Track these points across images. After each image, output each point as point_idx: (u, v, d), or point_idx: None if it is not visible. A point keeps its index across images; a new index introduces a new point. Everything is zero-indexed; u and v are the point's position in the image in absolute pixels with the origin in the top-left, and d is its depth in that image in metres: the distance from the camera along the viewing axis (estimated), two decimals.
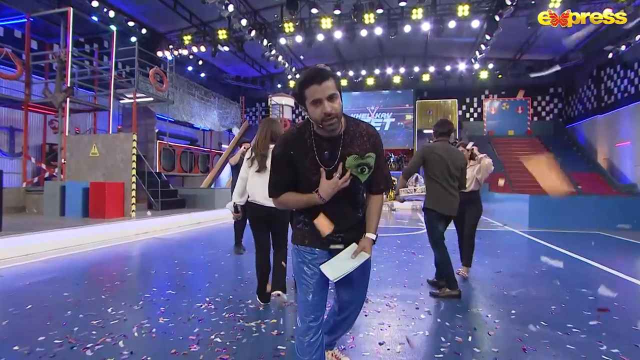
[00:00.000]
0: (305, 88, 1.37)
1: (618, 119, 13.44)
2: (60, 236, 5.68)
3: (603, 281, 3.92)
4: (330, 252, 1.55)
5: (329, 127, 1.38)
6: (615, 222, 8.06)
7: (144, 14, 12.85)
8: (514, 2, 10.11)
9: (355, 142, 1.48)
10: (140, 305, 3.02)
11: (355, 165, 1.46)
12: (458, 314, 2.86)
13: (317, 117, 1.37)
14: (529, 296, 3.31)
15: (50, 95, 8.69)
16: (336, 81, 1.38)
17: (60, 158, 8.76)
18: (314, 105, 1.37)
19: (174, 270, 4.29)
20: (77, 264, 4.62)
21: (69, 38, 8.85)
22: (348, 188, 1.46)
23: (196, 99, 13.85)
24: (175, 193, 10.51)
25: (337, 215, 1.49)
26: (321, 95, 1.34)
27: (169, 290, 3.45)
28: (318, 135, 1.46)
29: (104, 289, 3.45)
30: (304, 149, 1.46)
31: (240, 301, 3.14)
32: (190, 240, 6.59)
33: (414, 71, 17.21)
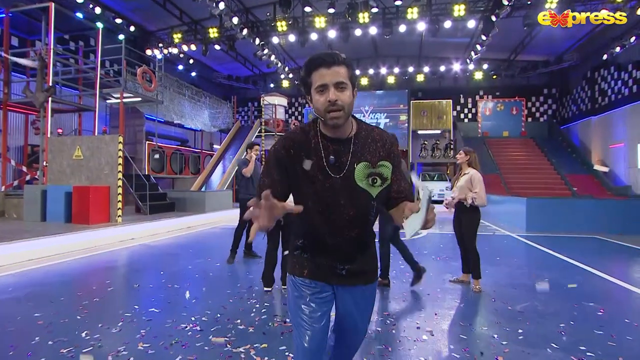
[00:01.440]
0: (312, 71, 1.18)
1: (612, 120, 13.46)
2: (39, 245, 5.37)
3: (610, 293, 3.86)
4: (335, 287, 1.31)
5: (332, 119, 1.17)
6: (612, 226, 7.99)
7: (132, 11, 12.50)
8: (511, 2, 10.01)
9: (366, 148, 1.26)
10: (119, 327, 2.77)
11: (366, 175, 1.23)
12: (463, 334, 2.69)
13: (321, 107, 1.17)
14: (535, 312, 3.15)
15: (31, 94, 8.33)
16: (350, 70, 1.19)
17: (42, 161, 8.40)
18: (319, 92, 1.17)
19: (159, 284, 4.07)
20: (55, 277, 4.32)
21: (51, 34, 8.47)
22: (356, 204, 1.24)
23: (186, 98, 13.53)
24: (164, 196, 10.24)
25: (337, 241, 1.25)
26: (328, 80, 1.15)
27: (152, 308, 3.22)
28: (325, 135, 1.25)
29: (80, 307, 3.19)
30: (306, 150, 1.24)
31: (229, 320, 2.91)
32: (179, 248, 6.33)
33: (409, 71, 17.09)
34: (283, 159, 1.25)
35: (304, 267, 1.30)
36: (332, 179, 1.22)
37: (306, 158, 1.24)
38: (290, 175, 1.25)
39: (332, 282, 1.30)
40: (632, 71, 12.36)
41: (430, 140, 17.88)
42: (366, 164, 1.23)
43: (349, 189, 1.23)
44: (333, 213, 1.24)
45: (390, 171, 1.27)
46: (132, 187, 8.89)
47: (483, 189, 3.79)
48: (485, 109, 18.12)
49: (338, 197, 1.23)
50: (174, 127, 15.24)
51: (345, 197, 1.23)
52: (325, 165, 1.22)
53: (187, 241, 7.05)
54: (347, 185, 1.23)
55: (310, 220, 1.26)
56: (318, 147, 1.24)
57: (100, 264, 5.07)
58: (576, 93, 16.18)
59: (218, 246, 6.42)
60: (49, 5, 8.48)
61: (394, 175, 1.29)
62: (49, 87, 8.30)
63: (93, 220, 7.15)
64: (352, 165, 1.23)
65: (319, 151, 1.23)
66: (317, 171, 1.23)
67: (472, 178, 3.82)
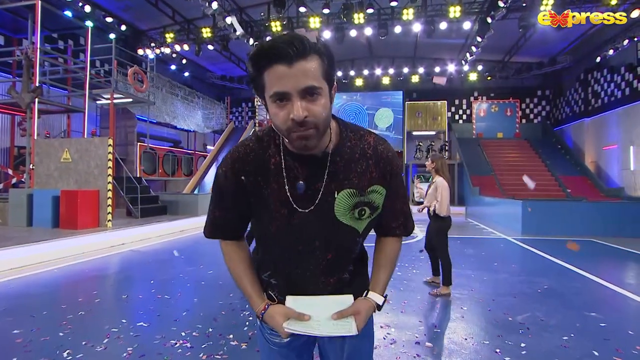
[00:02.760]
0: (264, 67, 0.76)
1: (605, 122, 13.56)
2: (23, 253, 5.16)
3: (610, 302, 3.83)
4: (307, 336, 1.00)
5: (299, 142, 0.80)
6: (607, 229, 8.02)
7: (123, 9, 12.25)
8: (507, 4, 9.99)
9: (352, 168, 0.89)
10: (104, 345, 2.60)
11: (351, 206, 0.90)
12: (464, 349, 2.59)
13: (281, 124, 0.79)
14: (536, 323, 3.08)
15: (17, 95, 8.09)
16: (324, 62, 0.78)
17: (28, 163, 8.17)
18: (276, 103, 0.77)
19: (149, 294, 3.90)
20: (38, 288, 4.11)
21: (37, 33, 8.25)
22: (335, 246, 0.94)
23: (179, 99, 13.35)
24: (156, 199, 10.07)
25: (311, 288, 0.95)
26: (291, 86, 0.75)
27: (141, 322, 3.07)
28: (289, 152, 0.88)
29: (64, 323, 3.01)
30: (264, 173, 0.88)
31: (221, 336, 2.78)
32: (170, 254, 6.16)
33: (403, 72, 17.05)
34: (234, 186, 0.90)
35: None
36: (300, 215, 0.88)
37: (264, 184, 0.88)
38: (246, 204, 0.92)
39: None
40: (624, 74, 12.45)
41: (425, 141, 17.87)
42: (351, 190, 0.88)
43: (326, 227, 0.90)
44: (303, 260, 0.93)
45: (382, 197, 0.94)
46: (122, 190, 8.73)
47: (446, 197, 3.78)
48: (480, 110, 18.15)
49: (310, 237, 0.91)
50: (166, 128, 15.03)
51: (320, 237, 0.91)
52: (289, 196, 0.87)
53: (180, 246, 6.92)
54: (324, 222, 0.89)
55: (274, 262, 0.98)
56: (279, 169, 0.88)
57: (88, 272, 4.88)
58: (569, 95, 16.28)
59: (211, 252, 6.26)
60: (35, 3, 8.24)
61: (388, 200, 0.96)
62: (36, 87, 8.07)
63: (81, 225, 6.97)
64: (331, 194, 0.87)
65: (281, 174, 0.87)
66: (279, 204, 0.88)
67: (437, 186, 3.82)
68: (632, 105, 11.99)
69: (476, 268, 5.09)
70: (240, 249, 1.01)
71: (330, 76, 0.80)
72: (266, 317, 0.94)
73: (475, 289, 4.07)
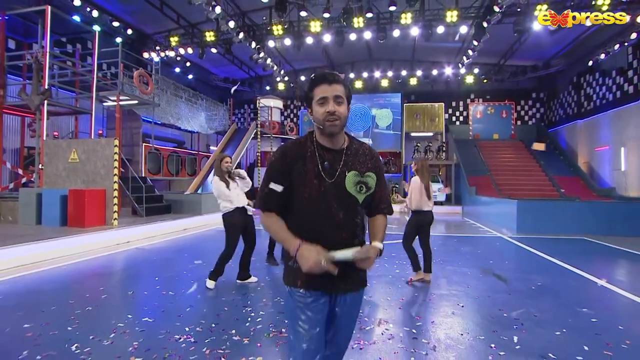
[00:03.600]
0: (315, 86, 1.37)
1: (597, 124, 13.90)
2: (33, 250, 5.30)
3: (600, 298, 3.89)
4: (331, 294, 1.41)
5: (329, 127, 1.35)
6: (599, 228, 8.26)
7: (130, 14, 12.51)
8: (502, 9, 10.30)
9: (357, 159, 1.44)
10: (111, 339, 2.67)
11: (355, 182, 1.41)
12: (460, 344, 2.67)
13: (320, 117, 1.36)
14: (530, 319, 3.17)
15: (27, 97, 8.33)
16: (346, 89, 1.39)
17: (37, 163, 8.40)
18: (320, 104, 1.36)
19: (154, 290, 3.99)
20: (48, 284, 4.21)
21: (47, 37, 8.50)
22: (345, 208, 1.39)
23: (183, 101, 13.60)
24: (160, 198, 10.29)
25: (330, 242, 1.35)
26: (329, 94, 1.35)
27: (146, 318, 3.15)
28: (320, 145, 1.42)
29: (72, 317, 3.09)
30: (303, 158, 1.40)
31: (224, 331, 2.85)
32: (175, 252, 6.26)
33: (402, 75, 17.36)
34: (281, 169, 1.39)
35: (297, 278, 1.37)
36: (325, 184, 1.37)
37: (302, 165, 1.38)
38: (290, 181, 1.38)
39: (325, 290, 1.39)
40: (615, 77, 12.81)
41: (423, 142, 18.16)
42: (356, 172, 1.40)
43: (339, 194, 1.38)
44: (325, 215, 1.37)
45: (374, 182, 1.45)
46: (128, 190, 8.93)
47: (415, 193, 4.30)
48: (476, 112, 18.51)
49: (330, 200, 1.37)
50: (170, 129, 15.27)
51: (336, 201, 1.37)
52: (320, 171, 1.37)
53: (184, 244, 7.07)
54: (338, 191, 1.38)
55: (304, 222, 1.39)
56: (314, 155, 1.39)
57: (95, 269, 4.99)
58: (563, 97, 16.65)
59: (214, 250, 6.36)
60: (45, 8, 8.51)
61: (377, 186, 1.47)
62: (45, 90, 8.30)
63: (89, 223, 7.11)
64: (344, 172, 1.39)
65: (315, 159, 1.39)
66: (313, 176, 1.37)
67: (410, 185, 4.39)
68: (623, 107, 12.34)
69: (472, 265, 5.22)
70: (279, 218, 1.43)
71: (349, 97, 1.40)
72: (301, 251, 1.30)
73: (472, 286, 4.18)
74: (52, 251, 5.53)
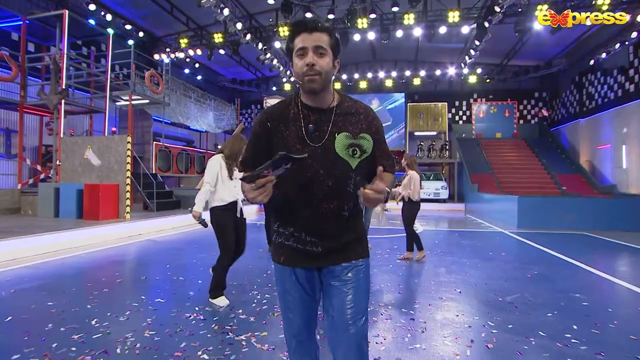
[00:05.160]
0: (295, 36, 1.19)
1: (599, 122, 14.02)
2: (52, 240, 5.57)
3: (593, 285, 4.02)
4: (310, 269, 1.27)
5: (308, 83, 1.16)
6: (600, 223, 8.42)
7: (141, 17, 12.97)
8: (503, 9, 10.52)
9: (348, 119, 1.24)
10: (127, 316, 2.88)
11: (346, 145, 1.22)
12: (455, 324, 2.80)
13: (299, 71, 1.18)
14: (524, 303, 3.29)
15: (45, 97, 8.71)
16: (332, 39, 1.19)
17: (55, 160, 8.80)
18: (299, 56, 1.18)
19: (165, 276, 4.19)
20: (67, 269, 4.48)
21: (64, 40, 8.90)
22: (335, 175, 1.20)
23: (192, 101, 13.97)
24: (170, 194, 10.60)
25: (314, 214, 1.21)
26: (308, 44, 1.16)
27: (158, 299, 3.34)
28: (305, 105, 1.24)
29: (90, 297, 3.33)
30: (285, 120, 1.23)
31: (231, 310, 3.04)
32: (184, 243, 6.51)
33: (405, 75, 17.60)
34: (261, 133, 1.26)
35: (280, 254, 1.29)
36: (311, 149, 1.19)
37: (284, 128, 1.22)
38: (270, 148, 1.24)
39: (309, 266, 1.26)
40: (617, 76, 12.94)
41: (426, 141, 18.38)
42: (347, 134, 1.22)
43: (328, 159, 1.20)
44: (312, 183, 1.19)
45: (370, 144, 1.25)
46: (139, 185, 9.20)
47: (417, 185, 4.94)
48: (479, 111, 18.70)
49: (317, 167, 1.19)
50: (180, 129, 15.69)
51: (324, 167, 1.19)
52: (304, 135, 1.20)
53: (193, 237, 7.26)
54: (327, 155, 1.20)
55: (289, 192, 1.22)
56: (298, 117, 1.22)
57: (110, 258, 5.21)
58: (565, 96, 16.78)
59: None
60: (63, 13, 8.93)
61: (377, 150, 1.28)
62: (62, 89, 8.67)
63: (103, 216, 7.36)
64: (333, 134, 1.21)
65: (298, 120, 1.22)
66: (296, 141, 1.20)
67: (410, 178, 4.92)
68: (624, 106, 12.47)
69: (471, 256, 5.37)
70: None
71: (335, 49, 1.21)
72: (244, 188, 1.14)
73: (470, 274, 4.32)
74: (69, 241, 5.81)
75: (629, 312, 3.18)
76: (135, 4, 11.94)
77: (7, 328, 2.65)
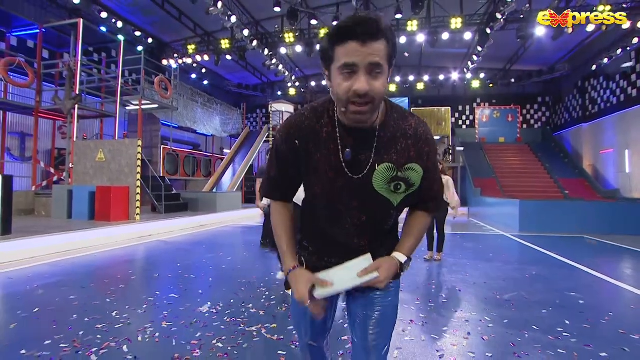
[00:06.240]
0: (338, 43, 0.86)
1: (602, 127, 14.09)
2: (67, 239, 5.81)
3: (591, 285, 4.11)
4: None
5: (355, 114, 0.90)
6: (600, 227, 8.47)
7: (150, 24, 13.31)
8: (504, 16, 10.68)
9: (393, 145, 0.99)
10: (144, 309, 3.07)
11: (387, 179, 0.99)
12: (453, 319, 2.96)
13: (342, 95, 0.89)
14: (521, 300, 3.42)
15: (60, 102, 9.02)
16: (389, 46, 0.88)
17: (68, 163, 9.07)
18: (343, 73, 0.87)
19: (177, 274, 4.37)
20: (83, 267, 4.68)
21: (79, 48, 9.23)
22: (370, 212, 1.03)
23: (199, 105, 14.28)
24: (178, 197, 10.85)
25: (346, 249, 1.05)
26: (360, 59, 0.85)
27: (172, 294, 3.52)
28: (341, 123, 0.98)
29: (108, 292, 3.52)
30: (316, 140, 0.98)
31: (242, 305, 3.20)
32: (193, 244, 6.68)
33: (409, 80, 17.79)
34: (288, 154, 1.02)
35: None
36: (345, 179, 0.98)
37: (315, 150, 0.98)
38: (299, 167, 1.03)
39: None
40: (619, 81, 13.03)
41: None
42: (390, 165, 0.98)
43: (365, 193, 0.99)
44: (341, 218, 1.02)
45: (419, 177, 1.02)
46: (148, 188, 9.44)
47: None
48: (483, 116, 18.81)
49: (350, 199, 1.00)
50: (187, 133, 16.01)
51: (359, 200, 1.00)
52: (340, 162, 0.97)
53: (201, 238, 7.40)
54: (363, 189, 0.99)
55: (313, 220, 1.09)
56: (333, 137, 0.98)
57: (123, 257, 5.40)
58: (568, 101, 16.85)
59: (229, 243, 6.91)
60: (78, 22, 9.27)
61: (425, 181, 1.03)
62: (76, 95, 8.96)
63: (114, 217, 7.59)
64: (373, 165, 0.97)
65: (333, 142, 0.97)
66: (328, 167, 0.98)
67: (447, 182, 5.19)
68: (626, 111, 12.55)
69: (472, 258, 5.52)
70: (286, 210, 1.11)
71: (391, 59, 0.89)
72: (291, 276, 1.03)
73: (470, 274, 4.47)
74: (84, 241, 6.06)
75: (621, 310, 3.31)
76: (144, 10, 12.28)
77: (35, 318, 2.87)
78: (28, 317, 2.86)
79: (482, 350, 2.39)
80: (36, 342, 2.38)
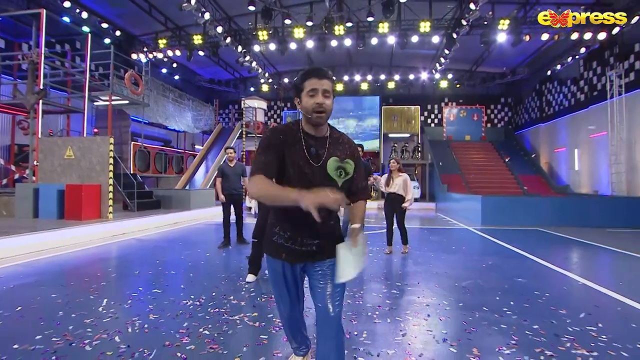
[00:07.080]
0: (306, 79, 1.50)
1: (556, 127, 15.23)
2: (37, 239, 5.66)
3: (536, 272, 4.55)
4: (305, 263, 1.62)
5: (317, 118, 1.49)
6: (552, 220, 9.23)
7: (118, 16, 12.81)
8: (469, 22, 11.29)
9: (337, 147, 1.59)
10: (129, 304, 3.14)
11: (335, 167, 1.55)
12: (415, 303, 3.30)
13: (309, 107, 1.48)
14: (476, 287, 3.82)
15: (22, 96, 8.54)
16: (333, 85, 1.54)
17: (32, 160, 8.68)
18: (310, 95, 1.48)
19: (157, 271, 4.40)
20: (58, 266, 4.61)
21: (42, 40, 8.72)
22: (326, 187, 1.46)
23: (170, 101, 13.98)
24: (150, 194, 10.62)
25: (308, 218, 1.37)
26: (318, 87, 1.48)
27: (155, 289, 3.60)
28: (306, 132, 1.55)
29: (91, 290, 3.53)
30: (292, 140, 1.53)
31: (224, 297, 3.36)
32: (169, 241, 6.69)
33: (380, 79, 18.27)
34: (277, 144, 1.52)
35: (281, 252, 1.61)
36: (311, 167, 1.52)
37: (291, 146, 1.52)
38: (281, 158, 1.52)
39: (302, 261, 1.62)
40: (570, 86, 14.14)
41: (399, 142, 19.03)
42: (336, 158, 1.56)
43: (322, 177, 1.53)
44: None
45: (353, 168, 1.61)
46: (120, 186, 9.21)
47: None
48: (450, 115, 19.67)
49: (313, 182, 1.49)
50: (157, 128, 15.60)
51: (318, 183, 1.48)
52: (306, 155, 1.53)
53: (176, 235, 7.40)
54: (321, 174, 1.53)
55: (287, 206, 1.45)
56: (300, 141, 1.54)
57: (99, 255, 5.36)
58: (527, 103, 18.02)
59: (204, 240, 6.91)
60: (41, 12, 8.79)
61: (356, 174, 1.64)
62: (40, 89, 8.53)
63: (85, 216, 7.40)
64: (327, 157, 1.55)
65: (301, 144, 1.53)
66: (299, 158, 1.51)
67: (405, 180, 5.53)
68: (576, 113, 13.67)
69: (437, 250, 5.89)
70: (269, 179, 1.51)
71: (334, 92, 1.55)
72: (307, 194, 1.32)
73: (433, 265, 4.83)
74: (54, 240, 5.88)
75: (557, 291, 3.79)
76: (111, 2, 11.82)
77: (20, 316, 2.87)
78: (12, 316, 2.86)
79: (439, 328, 2.74)
80: (27, 337, 2.43)
